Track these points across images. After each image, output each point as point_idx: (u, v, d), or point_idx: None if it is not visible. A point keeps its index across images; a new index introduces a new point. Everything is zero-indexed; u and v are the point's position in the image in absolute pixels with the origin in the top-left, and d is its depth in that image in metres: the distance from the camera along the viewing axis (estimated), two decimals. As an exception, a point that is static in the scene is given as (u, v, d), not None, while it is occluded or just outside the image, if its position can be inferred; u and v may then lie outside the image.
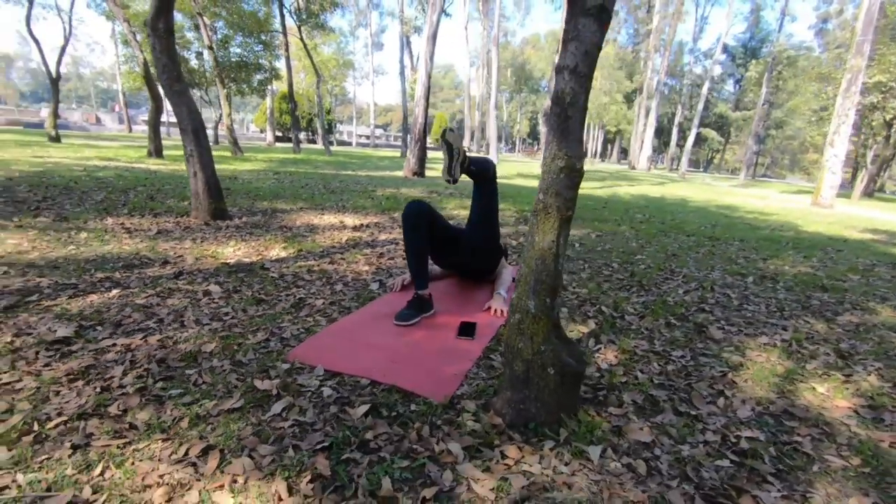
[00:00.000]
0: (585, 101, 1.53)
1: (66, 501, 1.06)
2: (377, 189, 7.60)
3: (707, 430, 1.54)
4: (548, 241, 1.54)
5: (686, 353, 2.13)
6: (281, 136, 37.43)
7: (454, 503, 1.17)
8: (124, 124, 34.30)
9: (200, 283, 2.59)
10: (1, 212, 3.88)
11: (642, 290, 3.03)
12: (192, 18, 15.80)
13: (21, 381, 1.53)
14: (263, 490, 1.15)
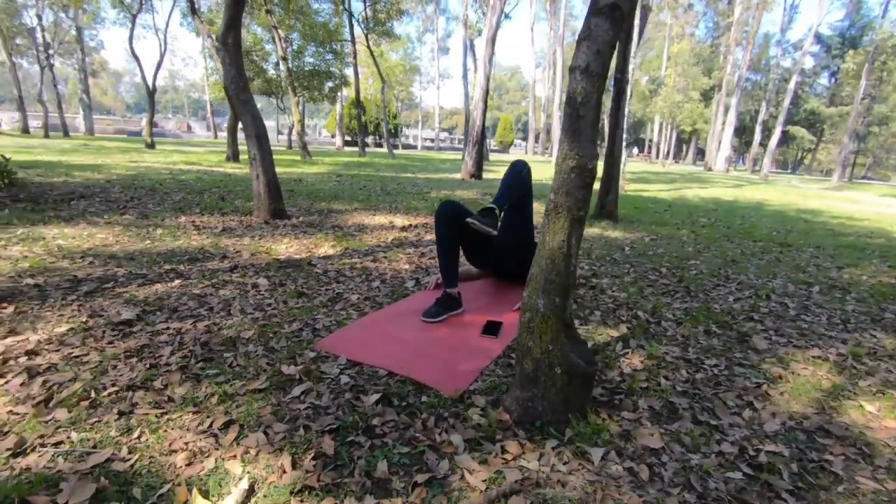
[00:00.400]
0: (598, 100, 1.52)
1: (106, 457, 1.23)
2: (432, 191, 7.74)
3: (724, 441, 1.47)
4: (558, 241, 1.55)
5: (721, 362, 2.02)
6: (350, 141, 38.98)
7: (444, 490, 1.21)
8: (211, 131, 37.30)
9: (251, 277, 2.81)
10: (96, 210, 4.40)
11: (687, 296, 2.89)
12: (269, 31, 16.86)
13: (88, 356, 1.76)
14: (271, 462, 1.25)
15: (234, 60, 4.22)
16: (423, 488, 1.21)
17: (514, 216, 2.65)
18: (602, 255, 3.87)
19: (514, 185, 2.56)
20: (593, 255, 3.86)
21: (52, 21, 23.20)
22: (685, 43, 28.51)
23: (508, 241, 2.67)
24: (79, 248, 3.15)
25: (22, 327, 1.95)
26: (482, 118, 10.55)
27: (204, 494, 1.11)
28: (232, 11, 4.10)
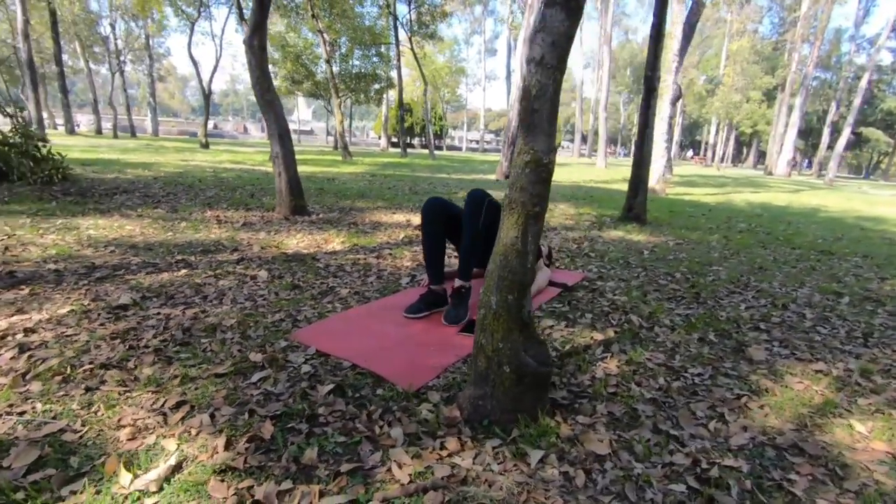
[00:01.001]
0: (554, 93, 1.48)
1: (60, 428, 1.32)
2: (460, 191, 7.74)
3: (678, 452, 1.39)
4: (511, 238, 1.52)
5: (706, 371, 1.91)
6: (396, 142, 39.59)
7: (366, 480, 1.22)
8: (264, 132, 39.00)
9: (254, 269, 2.92)
10: (132, 204, 4.70)
11: (694, 303, 2.75)
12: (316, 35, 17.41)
13: (78, 335, 1.89)
14: (207, 443, 1.30)
15: (260, 62, 4.40)
16: (345, 477, 1.22)
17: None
18: (616, 259, 3.74)
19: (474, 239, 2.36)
20: (606, 258, 3.74)
21: (124, 30, 25.04)
22: (745, 40, 27.05)
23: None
24: (105, 238, 3.38)
25: (30, 307, 2.12)
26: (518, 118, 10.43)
27: (129, 467, 1.17)
28: (257, 16, 4.27)
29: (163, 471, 1.17)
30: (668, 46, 9.66)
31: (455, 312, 2.30)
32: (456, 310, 2.31)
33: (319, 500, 1.14)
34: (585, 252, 3.93)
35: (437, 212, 2.43)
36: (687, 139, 58.54)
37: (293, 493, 1.15)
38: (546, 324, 2.32)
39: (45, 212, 4.05)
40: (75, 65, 26.71)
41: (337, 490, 1.18)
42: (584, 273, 3.26)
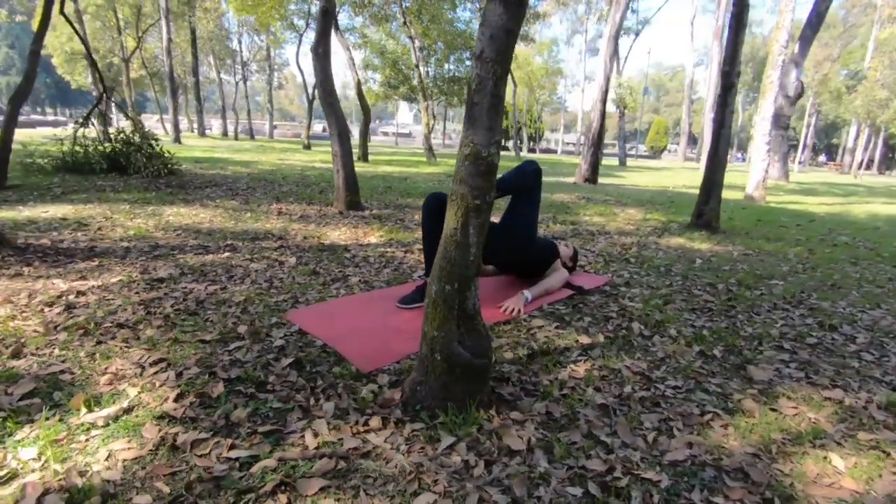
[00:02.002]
0: (495, 87, 1.49)
1: (60, 369, 1.60)
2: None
3: (597, 458, 1.33)
4: (450, 229, 1.55)
5: (686, 385, 1.77)
6: (491, 145, 39.65)
7: (278, 442, 1.33)
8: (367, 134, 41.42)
9: (287, 255, 3.20)
10: (215, 195, 5.33)
11: (721, 316, 2.52)
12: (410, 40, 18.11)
13: (114, 300, 2.24)
14: (162, 394, 1.51)
15: (323, 67, 4.76)
16: (260, 437, 1.35)
17: (512, 214, 2.60)
18: (658, 266, 3.51)
19: (511, 178, 2.53)
20: (646, 265, 3.52)
21: (249, 43, 28.07)
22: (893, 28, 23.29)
23: (502, 240, 2.62)
24: (179, 224, 3.90)
25: (91, 275, 2.55)
26: (600, 119, 10.04)
27: (88, 405, 1.40)
28: (322, 24, 4.63)
29: (113, 411, 1.38)
30: (776, 38, 8.70)
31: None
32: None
33: (228, 451, 1.27)
34: (627, 257, 3.73)
35: (435, 207, 2.49)
36: (822, 143, 51.72)
37: (207, 442, 1.30)
38: (536, 324, 2.28)
39: (143, 200, 4.75)
40: (210, 75, 30.47)
41: (247, 446, 1.31)
42: (611, 278, 3.12)
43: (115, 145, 6.18)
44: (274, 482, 1.16)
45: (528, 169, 2.62)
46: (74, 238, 3.24)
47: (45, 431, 1.28)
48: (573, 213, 5.82)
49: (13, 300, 2.14)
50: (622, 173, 17.20)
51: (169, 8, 17.72)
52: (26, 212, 3.94)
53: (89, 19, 21.93)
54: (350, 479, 1.21)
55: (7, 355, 1.67)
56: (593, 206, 6.60)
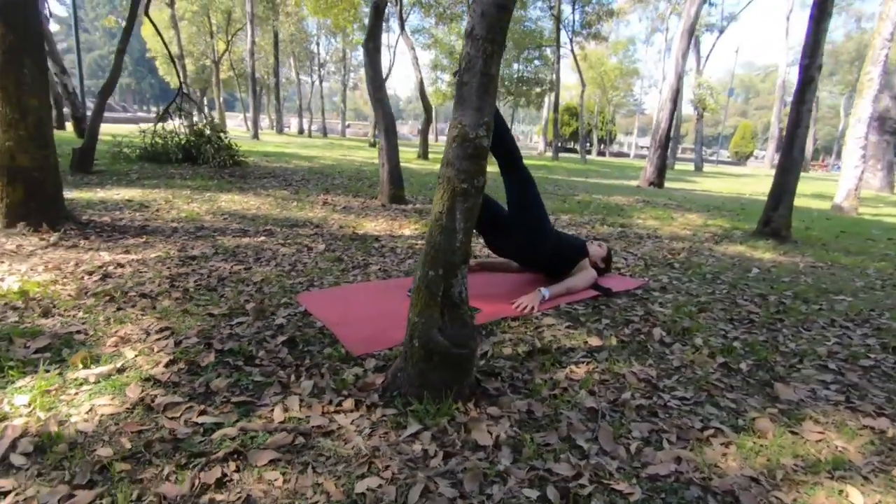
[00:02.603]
0: (485, 65, 1.43)
1: (77, 329, 1.74)
2: (579, 194, 7.39)
3: (567, 462, 1.23)
4: (436, 213, 1.51)
5: (695, 397, 1.61)
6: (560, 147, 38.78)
7: (246, 412, 1.36)
8: (433, 135, 41.96)
9: (317, 242, 3.28)
10: (269, 185, 5.60)
11: (762, 329, 2.27)
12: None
13: (147, 272, 2.40)
14: (156, 358, 1.59)
15: (373, 63, 4.86)
16: (231, 406, 1.38)
17: (518, 207, 2.52)
18: (704, 273, 3.23)
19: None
20: (691, 271, 3.26)
21: (328, 45, 29.38)
22: None
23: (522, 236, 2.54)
24: (228, 210, 4.13)
25: (135, 250, 2.75)
26: (668, 120, 9.47)
27: (85, 362, 1.50)
28: (373, 21, 4.73)
29: (107, 370, 1.47)
30: (879, 30, 7.78)
31: None
32: None
33: (197, 417, 1.31)
34: (671, 262, 3.48)
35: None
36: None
37: (180, 406, 1.35)
38: (546, 322, 2.17)
39: (203, 187, 5.09)
40: (290, 76, 32.24)
41: (217, 413, 1.34)
42: (646, 281, 2.91)
43: (188, 137, 6.67)
44: (227, 450, 1.18)
45: None
46: (132, 217, 3.53)
47: (40, 382, 1.38)
48: (626, 216, 5.54)
49: (61, 268, 2.36)
50: (696, 178, 16.16)
51: (254, 13, 18.94)
52: (101, 193, 4.34)
53: (186, 24, 23.94)
54: (303, 455, 1.20)
55: (38, 314, 1.84)
56: (650, 209, 6.24)
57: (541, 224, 2.52)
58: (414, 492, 1.10)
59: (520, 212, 2.50)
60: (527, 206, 2.54)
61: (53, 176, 2.95)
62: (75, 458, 1.12)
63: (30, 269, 2.30)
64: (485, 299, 2.42)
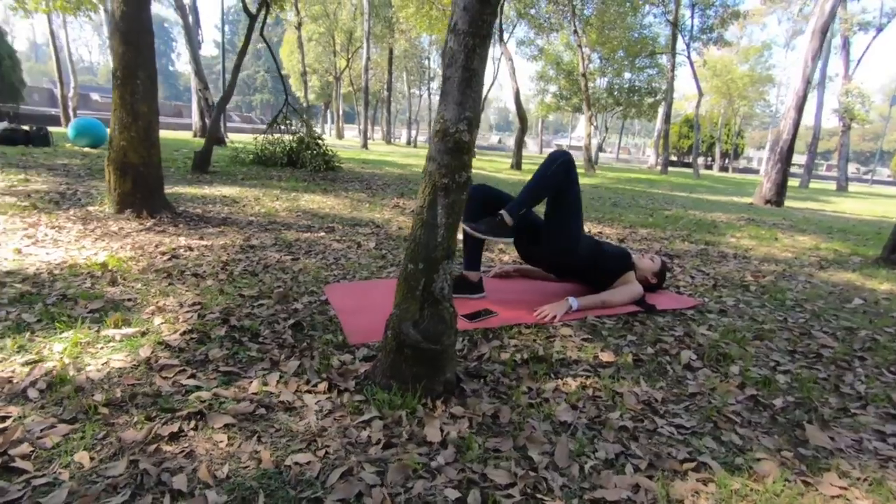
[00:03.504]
0: (468, 60, 1.42)
1: (128, 297, 2.02)
2: (672, 209, 6.83)
3: (505, 471, 1.16)
4: (418, 207, 1.53)
5: (696, 427, 1.42)
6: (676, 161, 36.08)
7: (227, 382, 1.48)
8: (538, 147, 41.51)
9: (370, 240, 3.44)
10: (351, 188, 5.97)
11: (827, 365, 1.93)
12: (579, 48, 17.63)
13: (207, 256, 2.71)
14: (176, 328, 1.79)
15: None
16: (217, 374, 1.51)
17: (549, 213, 2.39)
18: (786, 298, 2.82)
19: (539, 183, 2.28)
20: (769, 296, 2.86)
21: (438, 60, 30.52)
22: None
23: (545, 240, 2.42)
24: (305, 208, 4.49)
25: (208, 237, 3.11)
26: (792, 131, 8.38)
27: (118, 324, 1.74)
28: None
29: (132, 332, 1.70)
30: None
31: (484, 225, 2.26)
32: (486, 224, 2.26)
33: (185, 379, 1.46)
34: (748, 284, 3.08)
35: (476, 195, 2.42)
36: None
37: (175, 368, 1.51)
38: (563, 332, 2.06)
39: (293, 188, 5.58)
40: (403, 90, 34.05)
41: (203, 378, 1.48)
42: (702, 302, 2.62)
43: (291, 144, 7.37)
44: (193, 410, 1.30)
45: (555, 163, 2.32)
46: (220, 210, 3.99)
47: (77, 335, 1.64)
48: (717, 234, 5.01)
49: (143, 247, 2.75)
50: (833, 198, 14.06)
51: (370, 31, 20.36)
52: (207, 190, 4.97)
53: (313, 45, 26.48)
54: (256, 425, 1.28)
55: (107, 282, 2.17)
56: (752, 228, 5.57)
57: (572, 228, 2.39)
58: (336, 472, 1.12)
59: (555, 216, 2.38)
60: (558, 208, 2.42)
61: (156, 171, 3.45)
62: (73, 398, 1.31)
63: (119, 247, 2.72)
64: (511, 304, 2.36)
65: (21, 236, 2.74)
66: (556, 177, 2.31)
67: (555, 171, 2.29)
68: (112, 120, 3.23)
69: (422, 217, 1.51)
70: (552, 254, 2.46)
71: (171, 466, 1.10)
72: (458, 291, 2.39)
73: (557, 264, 2.55)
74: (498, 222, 2.26)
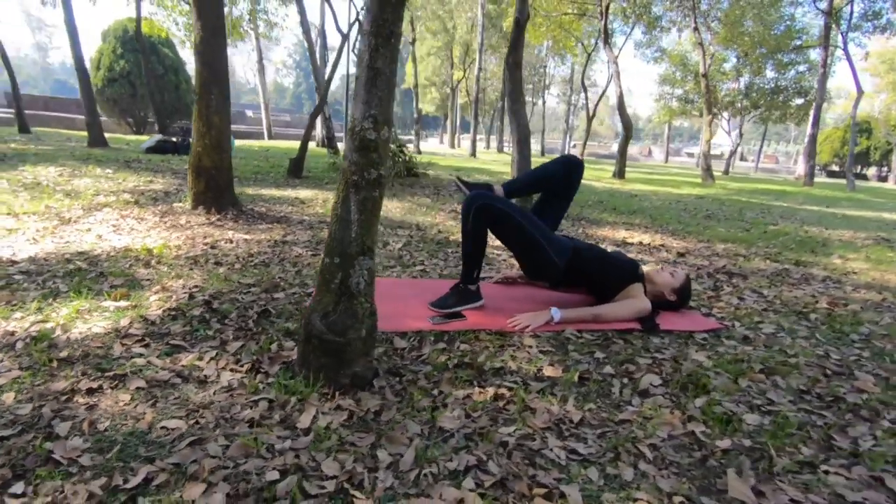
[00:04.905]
0: (371, 59, 1.46)
1: (148, 277, 2.36)
2: (781, 223, 5.91)
3: (339, 465, 1.16)
4: (333, 203, 1.59)
5: (593, 455, 1.27)
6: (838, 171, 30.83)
7: (169, 353, 1.67)
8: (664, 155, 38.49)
9: (399, 241, 3.55)
10: (419, 193, 6.16)
11: (835, 411, 1.57)
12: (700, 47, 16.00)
13: (240, 248, 3.03)
14: (165, 304, 2.05)
15: (513, 76, 4.92)
16: (166, 347, 1.72)
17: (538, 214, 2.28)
18: (853, 331, 2.32)
19: (538, 175, 2.21)
20: (829, 326, 2.38)
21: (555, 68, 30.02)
22: None
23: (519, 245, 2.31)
24: (363, 209, 4.75)
25: (253, 232, 3.48)
26: None
27: (117, 297, 2.05)
28: (515, 34, 4.80)
29: (125, 305, 2.00)
30: None
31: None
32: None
33: (138, 347, 1.69)
34: (808, 311, 2.59)
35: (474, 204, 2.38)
36: None
37: (135, 337, 1.75)
38: (526, 342, 1.95)
39: (365, 192, 5.94)
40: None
41: (151, 349, 1.69)
42: (723, 325, 2.28)
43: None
44: (120, 372, 1.51)
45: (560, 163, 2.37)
46: (282, 210, 4.42)
47: (80, 303, 1.97)
48: (820, 253, 4.24)
49: (193, 238, 3.18)
50: None
51: (483, 43, 20.72)
52: (287, 192, 5.52)
53: (432, 58, 27.72)
54: (161, 391, 1.44)
55: (141, 264, 2.56)
56: (876, 249, 4.60)
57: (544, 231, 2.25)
58: (187, 440, 1.21)
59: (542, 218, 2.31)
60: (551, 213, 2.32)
61: (226, 174, 3.95)
62: (41, 352, 1.59)
63: (176, 237, 3.17)
64: (497, 311, 2.27)
65: (110, 225, 3.34)
66: (556, 176, 2.35)
67: (555, 170, 2.31)
68: (193, 130, 3.77)
69: (336, 212, 1.56)
70: (533, 262, 2.33)
71: (67, 415, 1.29)
72: (461, 303, 2.31)
73: (538, 271, 2.39)
74: (486, 188, 2.32)
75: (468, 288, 2.28)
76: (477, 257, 2.26)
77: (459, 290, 2.28)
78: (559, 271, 2.30)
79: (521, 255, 2.35)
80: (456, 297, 2.27)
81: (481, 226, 2.19)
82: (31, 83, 50.48)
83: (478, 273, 2.29)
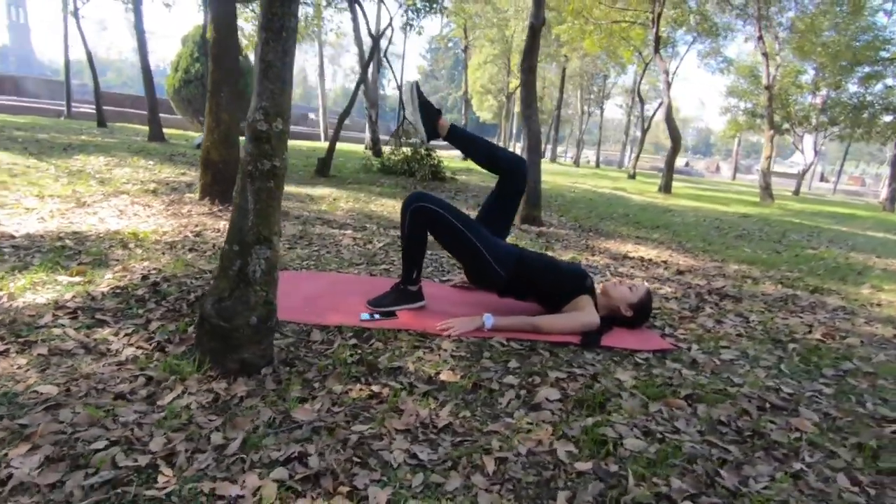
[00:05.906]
0: (262, 52, 1.50)
1: (117, 258, 2.52)
2: (821, 248, 5.40)
3: (164, 441, 1.19)
4: (234, 192, 1.63)
5: (433, 459, 1.22)
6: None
7: (91, 326, 1.78)
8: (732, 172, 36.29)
9: (383, 240, 3.59)
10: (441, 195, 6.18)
11: (741, 442, 1.42)
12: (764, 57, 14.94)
13: (220, 238, 3.17)
14: (115, 283, 2.18)
15: (528, 83, 4.84)
16: (92, 320, 1.83)
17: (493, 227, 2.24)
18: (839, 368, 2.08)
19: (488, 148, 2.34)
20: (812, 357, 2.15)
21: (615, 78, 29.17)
22: None
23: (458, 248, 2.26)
24: (366, 210, 4.85)
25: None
26: None
27: (73, 273, 2.21)
28: (529, 39, 4.72)
29: (77, 280, 2.14)
30: None
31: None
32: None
33: (67, 319, 1.81)
34: (788, 342, 2.35)
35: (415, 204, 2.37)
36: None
37: (68, 308, 1.87)
38: (444, 346, 1.90)
39: (384, 193, 6.05)
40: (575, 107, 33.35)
41: (77, 321, 1.81)
42: (674, 347, 2.12)
43: (407, 155, 7.96)
44: (35, 339, 1.62)
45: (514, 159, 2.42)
46: (286, 205, 4.57)
47: (36, 275, 2.14)
48: (851, 282, 3.83)
49: (185, 226, 3.36)
50: None
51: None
52: (305, 189, 5.72)
53: (488, 66, 27.76)
54: (60, 359, 1.54)
55: (120, 247, 2.74)
56: None
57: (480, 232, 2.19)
58: (68, 410, 1.28)
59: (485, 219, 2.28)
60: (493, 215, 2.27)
61: (233, 167, 4.14)
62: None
63: (169, 224, 3.37)
64: (435, 314, 2.23)
65: (116, 210, 3.60)
66: (498, 164, 2.39)
67: (503, 157, 2.39)
68: (204, 126, 4.00)
69: (237, 202, 1.61)
70: (476, 275, 2.29)
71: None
72: (398, 303, 2.30)
73: (490, 284, 2.32)
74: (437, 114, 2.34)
75: (408, 289, 2.27)
76: (415, 258, 2.24)
77: (399, 290, 2.27)
78: (502, 279, 2.23)
79: (462, 260, 2.31)
80: (394, 296, 2.26)
81: (418, 227, 2.17)
82: (130, 84, 55.57)
83: (417, 274, 2.26)
